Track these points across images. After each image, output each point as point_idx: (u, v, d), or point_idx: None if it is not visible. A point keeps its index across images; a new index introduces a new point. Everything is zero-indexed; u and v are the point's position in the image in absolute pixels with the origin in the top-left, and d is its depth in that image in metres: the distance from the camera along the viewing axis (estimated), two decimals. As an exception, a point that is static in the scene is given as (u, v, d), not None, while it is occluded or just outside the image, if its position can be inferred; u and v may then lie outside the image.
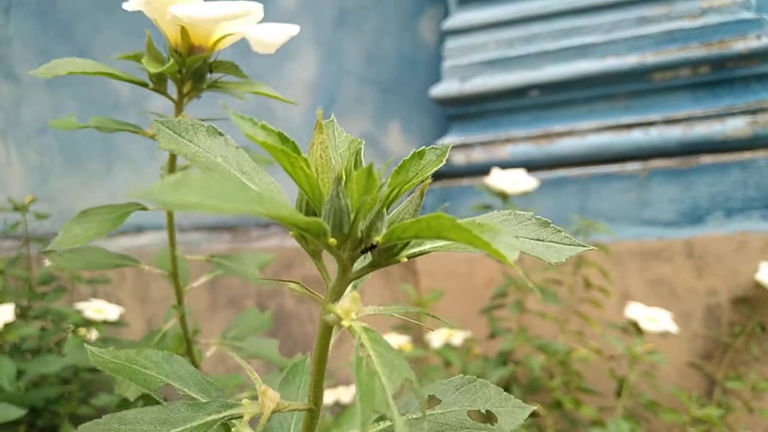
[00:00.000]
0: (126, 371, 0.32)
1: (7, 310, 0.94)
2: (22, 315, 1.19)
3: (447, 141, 1.34)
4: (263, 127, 0.26)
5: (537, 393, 1.04)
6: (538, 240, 0.30)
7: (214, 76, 0.50)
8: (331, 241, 0.25)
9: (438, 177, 1.36)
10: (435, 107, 1.43)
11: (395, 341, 1.08)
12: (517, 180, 1.07)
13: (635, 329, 1.00)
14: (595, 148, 1.21)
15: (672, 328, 0.98)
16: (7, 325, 0.95)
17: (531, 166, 1.21)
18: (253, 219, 1.61)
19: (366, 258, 0.28)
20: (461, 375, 0.35)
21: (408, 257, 0.28)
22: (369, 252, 0.27)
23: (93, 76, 0.45)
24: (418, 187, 0.28)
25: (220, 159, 0.29)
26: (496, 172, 1.08)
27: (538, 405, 0.99)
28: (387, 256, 0.27)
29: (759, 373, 1.05)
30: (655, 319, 0.98)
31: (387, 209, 0.27)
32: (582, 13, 1.24)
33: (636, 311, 1.00)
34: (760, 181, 1.11)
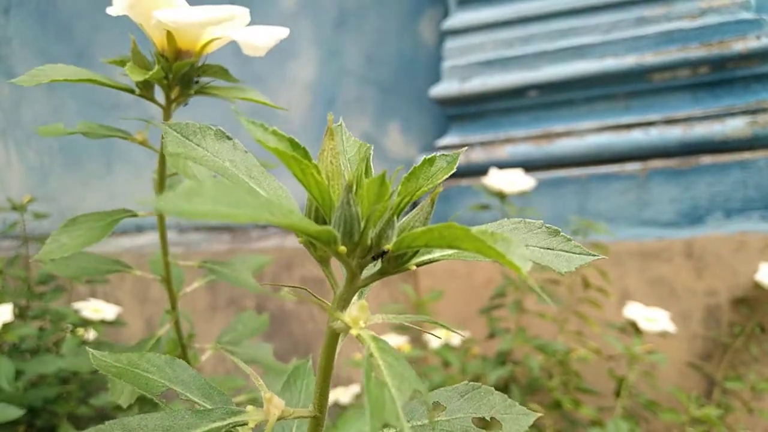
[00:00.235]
0: (128, 375, 0.31)
1: (6, 310, 0.94)
2: (20, 315, 1.19)
3: (446, 141, 1.34)
4: (274, 133, 0.26)
5: (536, 393, 1.04)
6: (548, 249, 0.29)
7: (203, 80, 0.49)
8: (341, 249, 0.25)
9: (437, 177, 1.36)
10: (434, 107, 1.43)
11: (394, 341, 1.08)
12: (515, 180, 1.07)
13: (634, 329, 1.00)
14: (595, 148, 1.21)
15: (670, 328, 0.98)
16: (6, 325, 0.95)
17: (530, 166, 1.21)
18: (253, 219, 1.61)
19: (375, 265, 0.27)
20: (466, 382, 0.34)
21: (417, 265, 0.27)
22: (378, 260, 0.26)
23: (75, 83, 0.44)
24: (428, 195, 0.27)
25: (228, 163, 0.29)
26: (494, 171, 1.08)
27: (537, 405, 0.99)
28: (396, 264, 0.27)
29: (758, 374, 1.05)
30: (654, 319, 0.98)
31: (397, 217, 0.26)
32: (581, 14, 1.24)
33: (634, 311, 1.00)
34: (759, 182, 1.11)
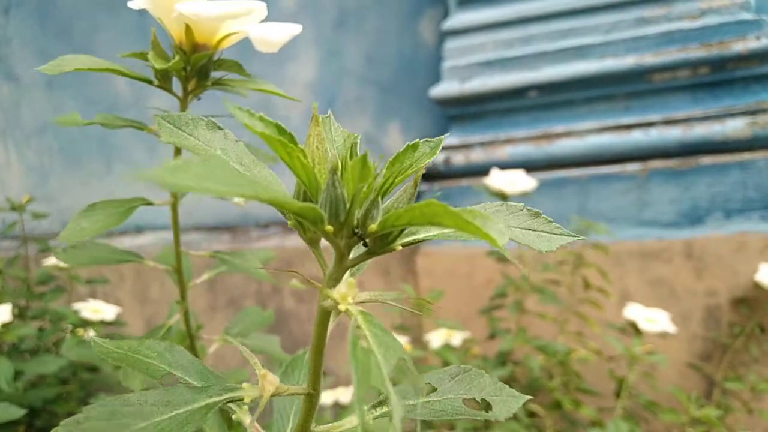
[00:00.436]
0: (129, 360, 0.32)
1: (5, 310, 0.94)
2: (20, 315, 1.19)
3: (446, 141, 1.34)
4: (261, 119, 0.27)
5: (536, 393, 1.04)
6: (529, 230, 0.31)
7: (217, 74, 0.51)
8: (328, 228, 0.26)
9: (438, 177, 1.36)
10: (435, 107, 1.43)
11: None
12: (516, 180, 1.07)
13: (634, 330, 1.00)
14: (595, 148, 1.21)
15: (670, 328, 0.98)
16: (5, 326, 0.94)
17: (530, 166, 1.21)
18: (253, 219, 1.61)
19: (362, 246, 0.28)
20: (457, 365, 0.36)
21: (403, 245, 0.29)
22: (364, 239, 0.27)
23: (99, 72, 0.46)
24: (412, 178, 0.29)
25: (219, 151, 0.30)
26: (495, 172, 1.08)
27: (537, 405, 0.99)
28: (382, 243, 0.28)
29: (758, 374, 1.06)
30: (654, 320, 0.98)
31: (382, 199, 0.28)
32: (581, 14, 1.24)
33: (634, 312, 1.00)
34: (759, 182, 1.11)
